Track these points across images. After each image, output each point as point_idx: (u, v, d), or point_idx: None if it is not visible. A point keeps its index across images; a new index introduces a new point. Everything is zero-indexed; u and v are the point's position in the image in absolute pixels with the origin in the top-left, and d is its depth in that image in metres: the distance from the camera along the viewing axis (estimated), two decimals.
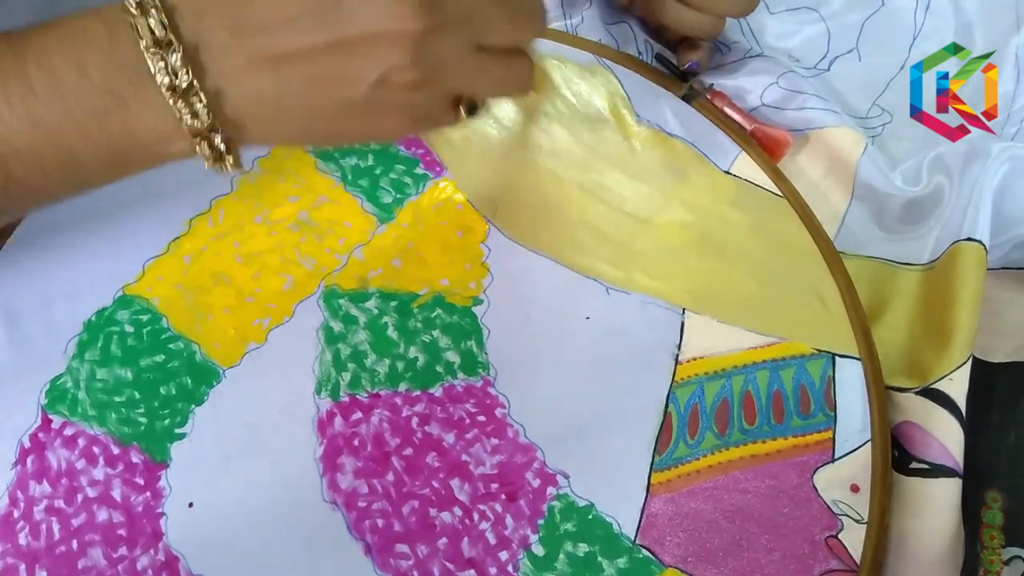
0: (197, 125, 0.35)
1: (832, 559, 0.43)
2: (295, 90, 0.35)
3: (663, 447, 0.45)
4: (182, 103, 0.34)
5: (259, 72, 0.34)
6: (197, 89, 0.34)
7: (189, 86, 0.34)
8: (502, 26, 0.37)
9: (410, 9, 0.33)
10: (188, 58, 0.34)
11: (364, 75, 0.34)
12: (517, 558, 0.43)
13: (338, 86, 0.35)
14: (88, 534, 0.44)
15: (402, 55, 0.34)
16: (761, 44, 0.60)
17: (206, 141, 0.36)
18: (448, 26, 0.35)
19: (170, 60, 0.34)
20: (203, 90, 0.34)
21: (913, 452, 0.45)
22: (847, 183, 0.53)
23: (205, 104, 0.34)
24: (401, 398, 0.47)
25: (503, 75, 0.39)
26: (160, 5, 0.34)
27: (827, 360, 0.47)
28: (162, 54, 0.34)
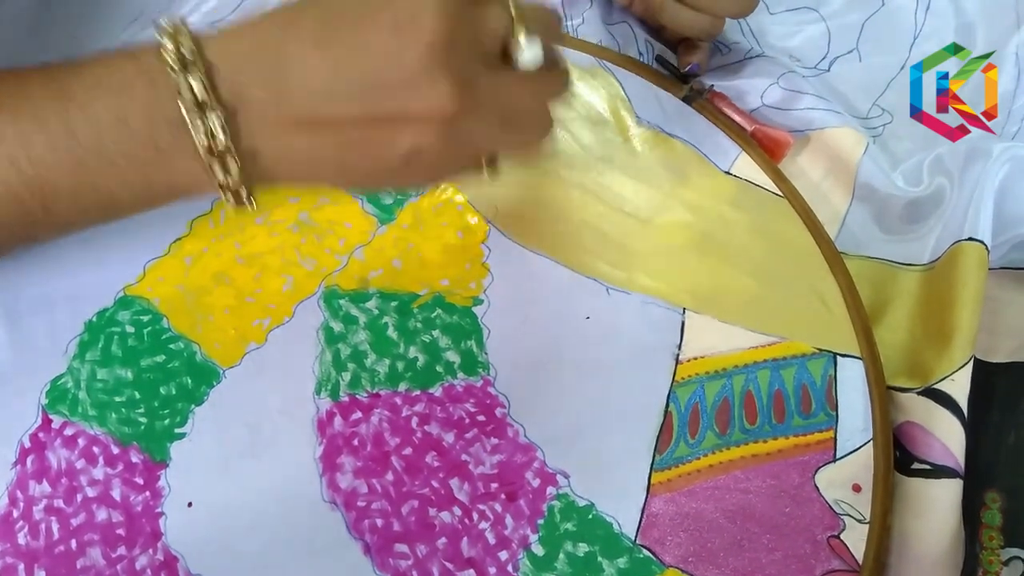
0: (229, 182, 0.36)
1: (834, 559, 0.43)
2: (328, 153, 0.36)
3: (664, 447, 0.45)
4: (217, 163, 0.35)
5: (294, 135, 0.35)
6: (233, 151, 0.35)
7: (225, 148, 0.35)
8: (533, 105, 0.38)
9: (446, 94, 0.34)
10: (226, 119, 0.34)
11: (396, 148, 0.35)
12: (517, 558, 0.43)
13: (370, 153, 0.36)
14: (87, 534, 0.44)
15: (434, 135, 0.35)
16: (762, 44, 0.60)
17: (233, 194, 0.37)
18: (479, 108, 0.35)
19: (208, 121, 0.34)
20: (239, 151, 0.35)
21: (915, 452, 0.45)
22: (848, 183, 0.53)
23: (239, 164, 0.35)
24: (401, 398, 0.47)
25: (527, 138, 0.39)
26: (200, 62, 0.34)
27: (828, 359, 0.47)
28: (201, 116, 0.34)
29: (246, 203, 0.37)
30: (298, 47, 0.34)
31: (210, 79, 0.34)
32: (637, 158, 0.53)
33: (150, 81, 0.35)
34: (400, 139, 0.35)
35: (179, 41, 0.34)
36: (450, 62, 0.34)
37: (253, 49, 0.35)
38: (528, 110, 0.38)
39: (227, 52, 0.35)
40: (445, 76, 0.34)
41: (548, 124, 0.39)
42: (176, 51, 0.34)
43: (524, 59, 0.36)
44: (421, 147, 0.35)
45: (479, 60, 0.35)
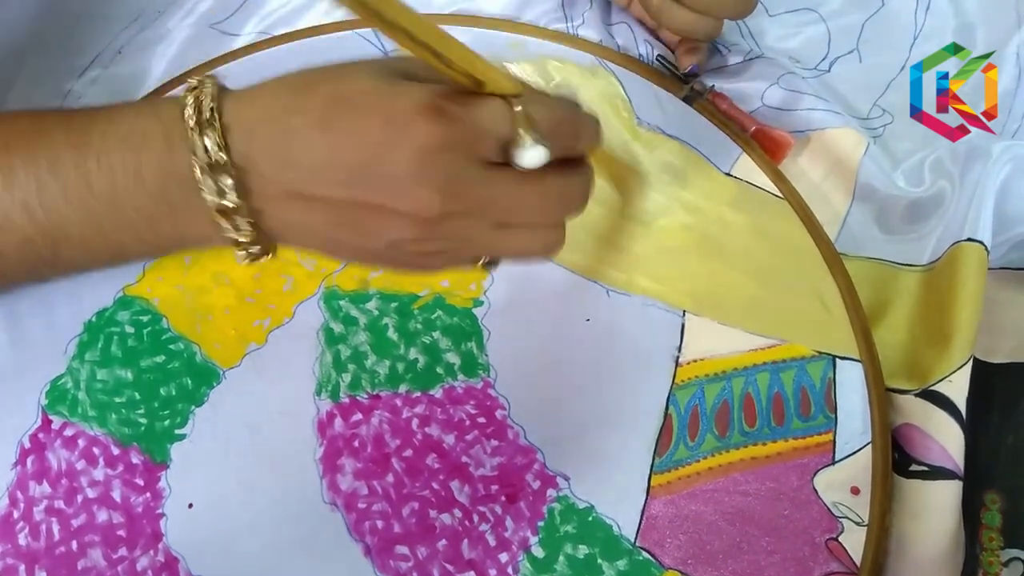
0: (239, 239, 0.37)
1: (832, 561, 0.43)
2: (320, 228, 0.36)
3: (663, 449, 0.45)
4: (226, 222, 0.36)
5: (291, 204, 0.36)
6: (243, 210, 0.36)
7: (235, 207, 0.36)
8: (533, 211, 0.37)
9: (427, 199, 0.34)
10: (237, 182, 0.35)
11: (379, 236, 0.36)
12: (517, 560, 0.43)
13: (356, 236, 0.36)
14: (88, 535, 0.44)
15: (413, 232, 0.35)
16: (761, 46, 0.60)
17: (244, 251, 0.38)
18: (469, 213, 0.35)
19: (221, 183, 0.35)
20: (248, 209, 0.36)
21: (913, 454, 0.45)
22: (848, 184, 0.53)
23: (249, 223, 0.36)
24: (401, 399, 0.47)
25: (527, 246, 0.39)
26: (217, 124, 0.35)
27: (828, 362, 0.47)
28: (214, 176, 0.35)
29: (259, 258, 0.38)
30: (302, 122, 0.35)
31: (225, 140, 0.35)
32: (637, 159, 0.53)
33: (167, 138, 0.36)
34: (382, 229, 0.35)
35: (200, 100, 0.35)
36: (438, 166, 0.34)
37: (263, 117, 0.36)
38: (531, 214, 0.37)
39: (240, 117, 0.35)
40: (430, 180, 0.34)
41: (554, 229, 0.38)
42: (196, 110, 0.35)
43: (522, 162, 0.35)
44: (401, 243, 0.36)
45: (473, 163, 0.35)
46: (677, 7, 0.52)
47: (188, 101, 0.35)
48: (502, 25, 0.58)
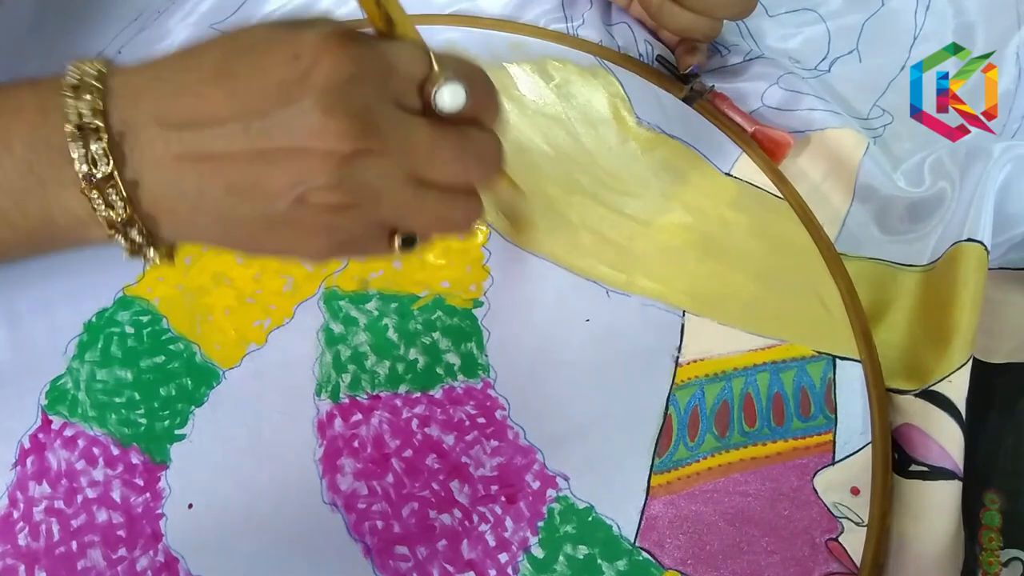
0: (112, 216, 0.34)
1: (832, 562, 0.43)
2: (214, 195, 0.34)
3: (663, 449, 0.45)
4: (96, 193, 0.33)
5: (181, 169, 0.33)
6: (116, 180, 0.33)
7: (106, 177, 0.33)
8: (450, 163, 0.35)
9: (342, 128, 0.32)
10: (112, 147, 0.32)
11: (282, 190, 0.33)
12: (517, 560, 0.43)
13: (256, 198, 0.33)
14: (88, 535, 0.44)
15: (324, 176, 0.32)
16: (761, 47, 0.60)
17: (122, 234, 0.34)
18: (383, 153, 0.33)
19: (92, 148, 0.32)
20: (122, 181, 0.33)
21: (913, 454, 0.45)
22: (848, 184, 0.53)
23: (122, 197, 0.33)
24: (401, 400, 0.47)
25: (444, 213, 0.36)
26: (97, 88, 0.33)
27: (827, 362, 0.47)
28: (85, 140, 0.32)
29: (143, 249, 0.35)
30: (195, 77, 0.33)
31: (104, 103, 0.33)
32: (637, 159, 0.53)
33: (40, 105, 0.33)
34: (287, 178, 0.33)
35: (83, 69, 0.33)
36: (350, 97, 0.32)
37: (151, 79, 0.34)
38: (447, 169, 0.35)
39: (126, 82, 0.33)
40: (341, 110, 0.32)
41: (470, 197, 0.37)
42: (78, 77, 0.33)
43: (442, 100, 0.33)
44: (308, 195, 0.33)
45: (387, 100, 0.33)
46: (676, 7, 0.52)
47: (70, 70, 0.33)
48: (502, 25, 0.58)
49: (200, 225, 0.35)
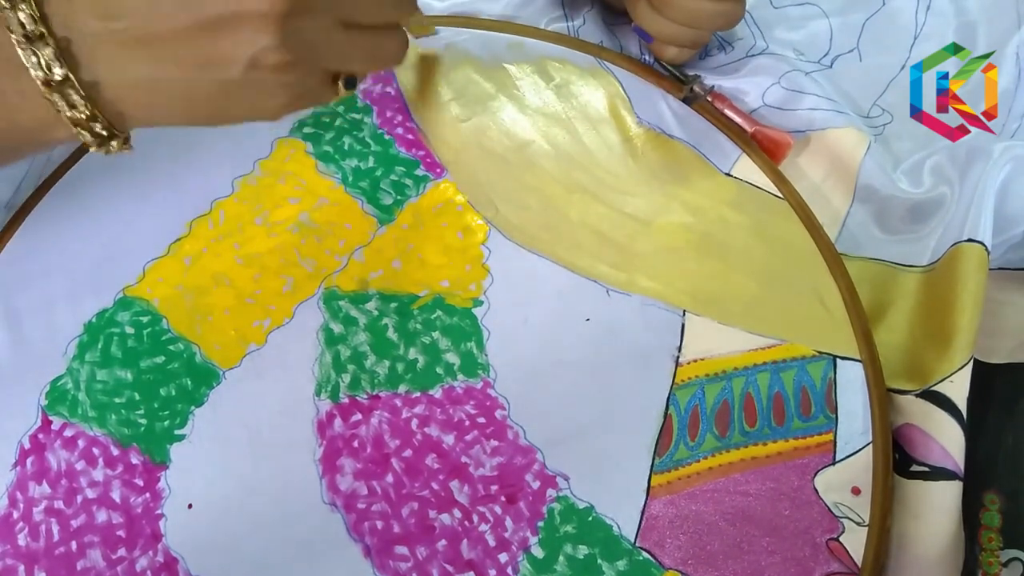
0: (76, 115, 0.35)
1: (833, 562, 0.43)
2: (170, 74, 0.35)
3: (663, 449, 0.45)
4: (58, 96, 0.34)
5: (132, 57, 0.34)
6: (73, 82, 0.34)
7: (64, 79, 0.34)
8: (372, 5, 0.37)
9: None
10: (61, 51, 0.34)
11: (234, 57, 0.34)
12: (517, 560, 0.43)
13: (211, 68, 0.35)
14: (87, 535, 0.44)
15: (268, 37, 0.34)
16: (767, 38, 0.60)
17: (87, 130, 0.36)
18: (313, 8, 0.35)
19: (43, 54, 0.33)
20: (79, 82, 0.34)
21: (914, 455, 0.45)
22: (848, 185, 0.53)
23: (82, 96, 0.35)
24: (401, 399, 0.47)
25: (374, 50, 0.39)
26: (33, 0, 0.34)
27: (828, 362, 0.47)
28: (34, 48, 0.33)
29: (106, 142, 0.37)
30: None
31: (40, 9, 0.33)
32: (637, 159, 0.53)
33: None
34: (236, 45, 0.34)
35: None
36: None
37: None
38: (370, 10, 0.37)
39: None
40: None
41: (396, 32, 0.39)
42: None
43: None
44: (259, 57, 0.34)
45: None
46: (662, 19, 0.52)
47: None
48: (502, 26, 0.58)
49: (162, 107, 0.36)
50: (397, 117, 0.55)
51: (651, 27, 0.53)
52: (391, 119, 0.55)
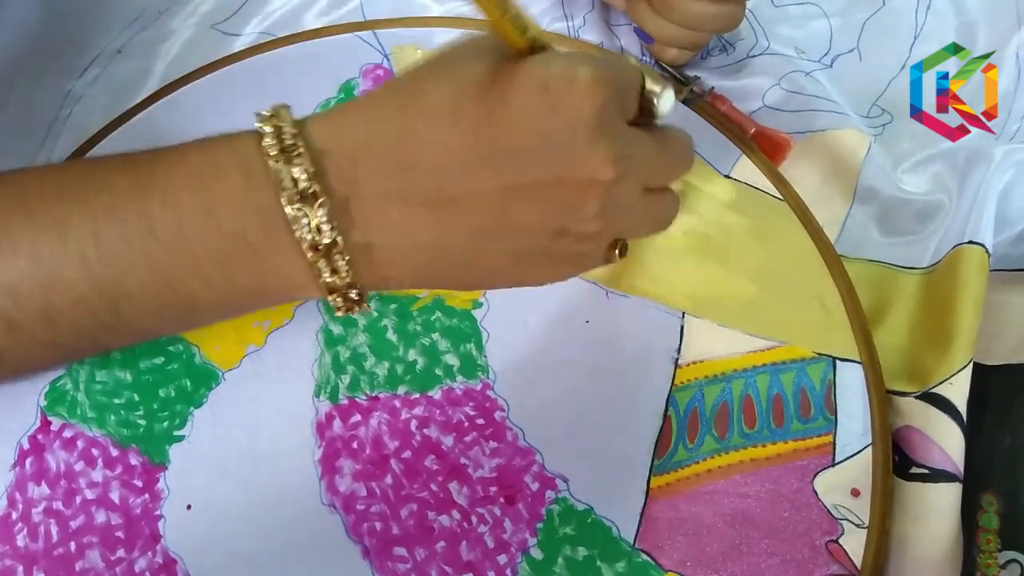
0: (336, 282, 0.32)
1: (832, 564, 0.43)
2: (456, 240, 0.32)
3: (662, 451, 0.45)
4: (324, 261, 0.31)
5: (420, 220, 0.32)
6: (341, 246, 0.31)
7: (332, 243, 0.31)
8: (669, 168, 0.35)
9: (608, 157, 0.31)
10: (335, 212, 0.31)
11: (543, 224, 0.32)
12: (516, 562, 0.43)
13: (508, 235, 0.32)
14: (86, 536, 0.44)
15: (589, 207, 0.32)
16: (770, 36, 0.60)
17: (340, 296, 0.33)
18: (632, 174, 0.33)
19: (314, 216, 0.30)
20: (348, 246, 0.31)
21: (913, 457, 0.45)
22: (849, 186, 0.53)
23: (347, 261, 0.32)
24: (400, 401, 0.47)
25: (660, 213, 0.37)
26: (306, 150, 0.31)
27: (828, 364, 0.47)
28: (305, 208, 0.30)
29: (357, 306, 0.34)
30: (425, 125, 0.31)
31: (318, 165, 0.31)
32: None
33: (244, 169, 0.32)
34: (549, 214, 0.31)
35: (280, 127, 0.31)
36: (606, 124, 0.31)
37: (371, 133, 0.32)
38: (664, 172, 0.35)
39: (339, 138, 0.32)
40: (603, 138, 0.31)
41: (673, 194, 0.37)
42: (277, 138, 0.31)
43: (666, 106, 0.34)
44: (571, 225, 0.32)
45: (623, 118, 0.33)
46: (660, 19, 0.52)
47: (266, 129, 0.31)
48: None
49: (435, 272, 0.34)
50: None
51: (651, 28, 0.53)
52: None
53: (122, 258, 0.31)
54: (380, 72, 0.56)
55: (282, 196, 0.30)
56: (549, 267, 0.34)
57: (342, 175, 0.31)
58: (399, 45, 0.57)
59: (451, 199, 0.31)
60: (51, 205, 0.31)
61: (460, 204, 0.31)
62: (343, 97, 0.55)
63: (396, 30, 0.57)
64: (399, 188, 0.31)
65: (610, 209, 0.32)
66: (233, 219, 0.31)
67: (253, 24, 0.58)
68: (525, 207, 0.31)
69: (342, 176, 0.31)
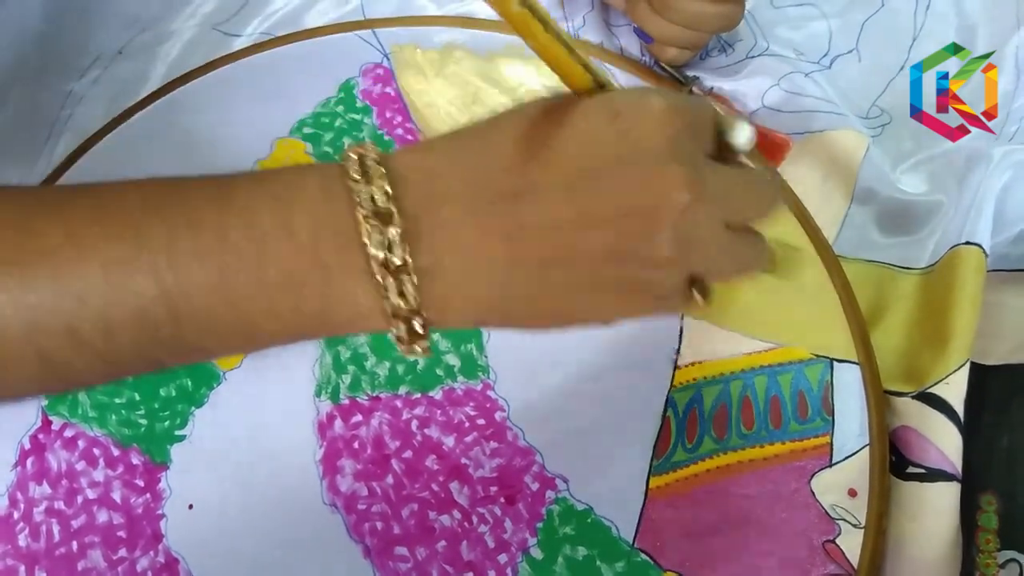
0: (402, 306, 0.31)
1: (830, 563, 0.43)
2: (526, 270, 0.32)
3: (661, 451, 0.46)
4: (392, 280, 0.31)
5: (488, 247, 0.31)
6: (410, 268, 0.31)
7: (403, 264, 0.31)
8: (754, 204, 0.35)
9: (682, 180, 0.31)
10: (409, 234, 0.30)
11: (613, 251, 0.31)
12: (516, 561, 0.43)
13: (580, 264, 0.32)
14: (88, 536, 0.44)
15: (663, 231, 0.31)
16: (768, 37, 0.60)
17: (404, 324, 0.32)
18: (708, 201, 0.32)
19: (388, 233, 0.30)
20: (416, 268, 0.31)
21: (910, 457, 0.45)
22: (848, 186, 0.53)
23: (415, 286, 0.31)
24: (401, 401, 0.47)
25: (745, 254, 0.35)
26: (386, 173, 0.31)
27: (825, 365, 0.47)
28: (381, 227, 0.30)
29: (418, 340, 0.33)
30: (497, 154, 0.32)
31: (395, 188, 0.31)
32: None
33: (326, 190, 0.31)
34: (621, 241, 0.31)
35: (365, 155, 0.31)
36: (681, 150, 0.31)
37: (449, 163, 0.32)
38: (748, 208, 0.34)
39: (419, 165, 0.32)
40: (676, 163, 0.31)
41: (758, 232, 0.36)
42: (360, 164, 0.31)
43: (740, 141, 0.34)
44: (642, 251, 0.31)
45: (701, 150, 0.33)
46: (660, 19, 0.52)
47: (351, 157, 0.31)
48: (501, 27, 0.57)
49: (498, 304, 0.33)
50: (397, 118, 0.55)
51: (651, 28, 0.53)
52: (391, 120, 0.55)
53: (193, 272, 0.31)
54: (380, 71, 0.56)
55: (358, 212, 0.30)
56: (619, 300, 0.33)
57: (418, 199, 0.31)
58: (399, 44, 0.57)
59: (522, 227, 0.31)
60: (131, 215, 0.31)
61: (531, 232, 0.31)
62: (343, 96, 0.55)
63: (396, 29, 0.57)
64: (473, 214, 0.31)
65: (684, 236, 0.32)
66: (310, 234, 0.31)
67: (253, 24, 0.58)
68: (596, 233, 0.31)
69: (418, 200, 0.31)
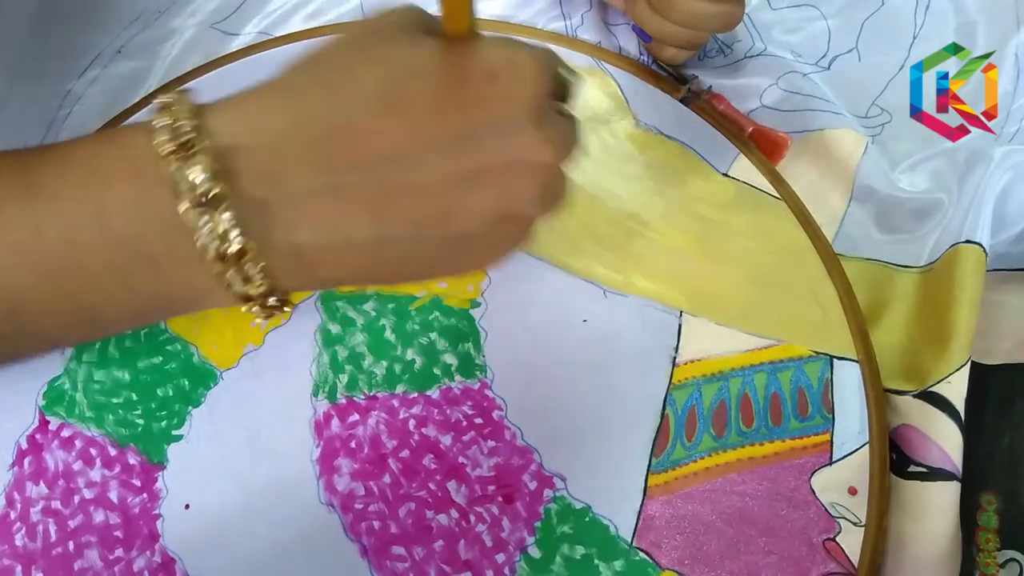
0: (249, 291, 0.30)
1: (830, 562, 0.43)
2: (396, 234, 0.30)
3: (660, 449, 0.45)
4: (233, 271, 0.29)
5: (353, 216, 0.29)
6: (254, 253, 0.28)
7: (242, 251, 0.28)
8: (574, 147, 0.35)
9: (554, 140, 0.31)
10: (250, 215, 0.28)
11: (489, 211, 0.31)
12: (514, 560, 0.43)
13: (451, 224, 0.31)
14: (85, 535, 0.44)
15: (537, 188, 0.31)
16: (765, 40, 0.60)
17: (257, 304, 0.30)
18: (564, 154, 0.33)
19: (219, 221, 0.27)
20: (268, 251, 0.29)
21: (911, 455, 0.45)
22: (846, 185, 0.53)
23: (261, 268, 0.29)
24: (398, 400, 0.47)
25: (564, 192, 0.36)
26: (209, 147, 0.28)
27: (825, 362, 0.47)
28: (208, 214, 0.27)
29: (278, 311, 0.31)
30: (362, 115, 0.29)
31: (222, 165, 0.28)
32: (635, 160, 0.53)
33: (135, 173, 0.28)
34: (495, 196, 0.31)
35: (176, 122, 0.28)
36: (547, 109, 0.31)
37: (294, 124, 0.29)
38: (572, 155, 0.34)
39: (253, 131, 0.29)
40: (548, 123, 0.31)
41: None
42: (172, 132, 0.28)
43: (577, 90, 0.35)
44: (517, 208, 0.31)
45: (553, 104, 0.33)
46: (659, 18, 0.52)
47: (157, 124, 0.28)
48: (500, 26, 0.58)
49: (367, 268, 0.32)
50: None
51: (650, 27, 0.53)
52: None
53: (12, 268, 0.28)
54: None
55: (179, 203, 0.27)
56: (486, 253, 0.33)
57: (259, 173, 0.28)
58: None
59: (392, 191, 0.29)
60: None
61: (402, 196, 0.30)
62: None
63: None
64: (332, 183, 0.29)
65: (551, 192, 0.33)
66: (128, 229, 0.28)
67: (253, 24, 0.59)
68: (471, 195, 0.30)
69: (260, 174, 0.28)
